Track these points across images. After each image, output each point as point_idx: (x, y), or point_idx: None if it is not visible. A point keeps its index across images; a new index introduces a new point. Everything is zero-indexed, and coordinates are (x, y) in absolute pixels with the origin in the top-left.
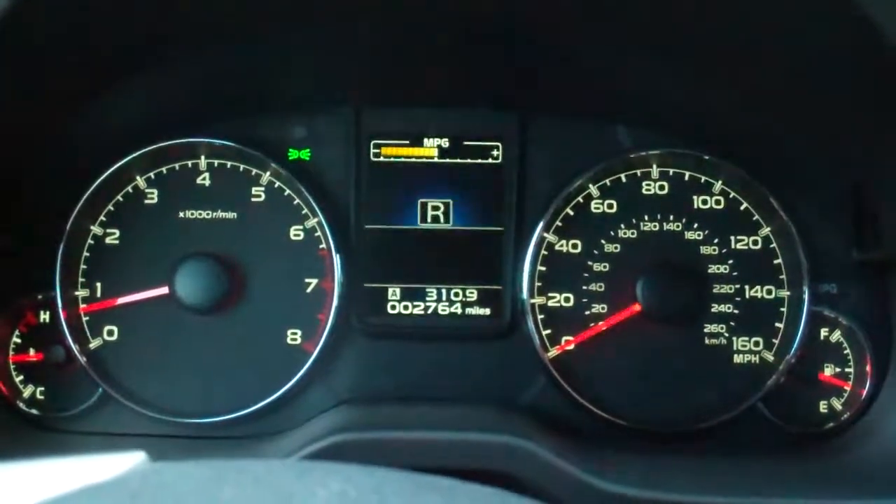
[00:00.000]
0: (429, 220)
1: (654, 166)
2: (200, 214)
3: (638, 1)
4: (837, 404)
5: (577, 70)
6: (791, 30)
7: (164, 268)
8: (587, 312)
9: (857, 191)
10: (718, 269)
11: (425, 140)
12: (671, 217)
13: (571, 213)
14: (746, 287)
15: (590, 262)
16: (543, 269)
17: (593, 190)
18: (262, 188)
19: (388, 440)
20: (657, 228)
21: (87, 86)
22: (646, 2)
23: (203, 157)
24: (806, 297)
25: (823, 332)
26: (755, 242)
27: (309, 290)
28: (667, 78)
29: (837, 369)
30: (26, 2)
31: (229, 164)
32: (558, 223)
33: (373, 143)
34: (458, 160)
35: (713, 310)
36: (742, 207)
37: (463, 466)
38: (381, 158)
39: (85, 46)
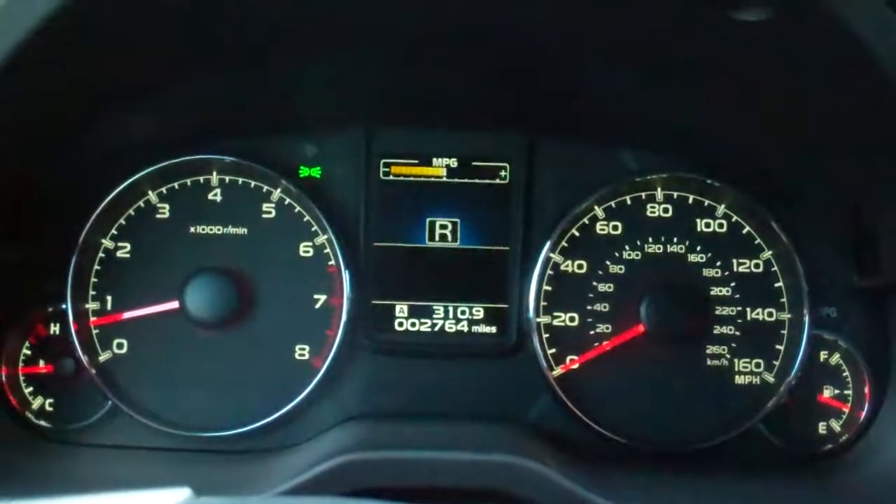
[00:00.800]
0: (437, 238)
1: (659, 189)
2: (211, 230)
3: (643, 27)
4: (836, 426)
5: (585, 94)
6: (791, 57)
7: (175, 282)
8: (592, 332)
9: (858, 217)
10: (720, 291)
11: (434, 160)
12: (675, 239)
13: (577, 234)
14: (748, 309)
15: (595, 283)
16: (549, 288)
17: (599, 212)
18: (273, 205)
19: (393, 460)
20: (661, 250)
21: (103, 100)
22: (652, 28)
23: (215, 173)
24: (806, 320)
25: (823, 354)
26: (757, 266)
27: (317, 306)
28: (673, 103)
29: (836, 391)
30: (58, 17)
31: (240, 180)
32: (564, 244)
33: (382, 161)
34: (467, 180)
35: (715, 331)
36: (744, 231)
37: (467, 486)
38: (391, 177)
39: (104, 62)
